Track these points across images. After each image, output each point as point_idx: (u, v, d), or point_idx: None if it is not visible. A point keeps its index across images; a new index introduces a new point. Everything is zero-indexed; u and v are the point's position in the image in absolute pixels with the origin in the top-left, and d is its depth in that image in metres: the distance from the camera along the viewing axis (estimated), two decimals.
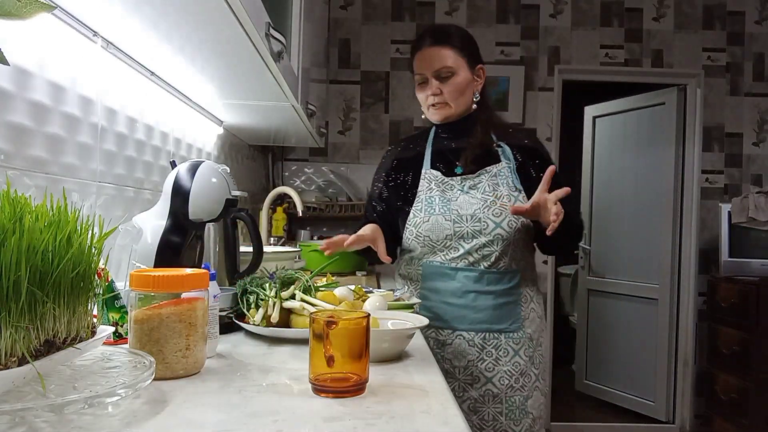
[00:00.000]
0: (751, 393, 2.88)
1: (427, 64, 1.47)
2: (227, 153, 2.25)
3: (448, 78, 1.46)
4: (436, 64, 1.46)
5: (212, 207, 1.12)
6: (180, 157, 1.64)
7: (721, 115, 3.48)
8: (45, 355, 0.58)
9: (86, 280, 0.65)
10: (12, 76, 0.88)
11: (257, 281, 1.11)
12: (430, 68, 1.46)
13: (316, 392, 0.72)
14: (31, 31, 0.92)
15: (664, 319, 3.54)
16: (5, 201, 0.59)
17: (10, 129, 0.88)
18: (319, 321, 0.72)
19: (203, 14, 0.96)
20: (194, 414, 0.63)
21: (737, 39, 3.47)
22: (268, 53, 1.16)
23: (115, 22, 1.04)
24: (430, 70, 1.47)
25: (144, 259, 1.04)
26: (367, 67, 3.41)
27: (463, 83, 1.47)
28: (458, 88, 1.47)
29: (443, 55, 1.46)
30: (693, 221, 3.47)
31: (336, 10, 3.39)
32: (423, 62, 1.48)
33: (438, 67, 1.46)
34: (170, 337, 0.75)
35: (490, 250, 1.41)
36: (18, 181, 0.89)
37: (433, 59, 1.46)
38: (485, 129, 1.50)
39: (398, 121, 3.41)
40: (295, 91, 1.59)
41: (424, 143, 1.57)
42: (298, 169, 3.40)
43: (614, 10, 3.46)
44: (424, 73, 1.48)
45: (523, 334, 1.44)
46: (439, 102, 1.48)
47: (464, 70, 1.47)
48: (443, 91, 1.46)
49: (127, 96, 1.29)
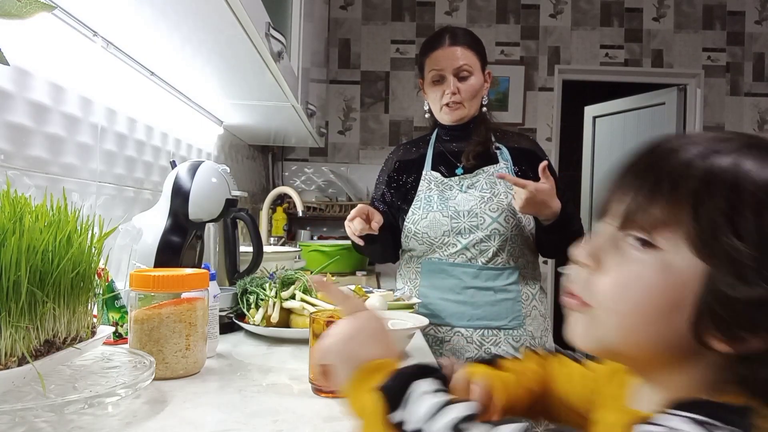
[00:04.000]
0: None
1: (447, 61, 1.46)
2: (227, 153, 2.25)
3: (466, 78, 1.46)
4: (456, 62, 1.45)
5: (212, 207, 1.12)
6: (180, 157, 1.64)
7: (721, 115, 3.48)
8: (45, 355, 0.58)
9: (86, 280, 0.65)
10: (12, 76, 0.88)
11: (257, 281, 1.11)
12: (450, 66, 1.46)
13: (316, 392, 0.72)
14: (31, 31, 0.92)
15: None
16: (5, 201, 0.59)
17: (10, 129, 0.88)
18: (319, 321, 0.72)
19: (203, 14, 0.96)
20: (194, 414, 0.63)
21: (737, 39, 3.47)
22: (268, 53, 1.16)
23: (115, 22, 1.04)
24: (450, 68, 1.46)
25: (144, 259, 1.04)
26: (367, 67, 3.41)
27: (477, 85, 1.48)
28: (473, 90, 1.48)
29: (464, 54, 1.46)
30: None
31: (336, 10, 3.39)
32: (442, 60, 1.47)
33: (458, 65, 1.45)
34: (170, 337, 0.75)
35: (487, 246, 1.42)
36: (18, 181, 0.89)
37: (455, 57, 1.46)
38: (486, 131, 1.52)
39: (398, 121, 3.41)
40: (295, 91, 1.59)
41: (426, 145, 1.58)
42: (298, 169, 3.40)
43: (614, 10, 3.46)
44: (443, 70, 1.47)
45: (524, 332, 1.45)
46: (456, 101, 1.47)
47: (479, 73, 1.49)
48: (461, 89, 1.46)
49: (127, 96, 1.29)
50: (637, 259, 0.43)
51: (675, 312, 0.42)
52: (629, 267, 0.44)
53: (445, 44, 1.48)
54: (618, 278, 0.44)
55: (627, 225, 0.44)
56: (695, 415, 0.37)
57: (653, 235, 0.43)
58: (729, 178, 0.41)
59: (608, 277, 0.45)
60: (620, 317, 0.44)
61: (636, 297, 0.43)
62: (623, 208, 0.44)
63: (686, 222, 0.41)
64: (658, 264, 0.42)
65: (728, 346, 0.41)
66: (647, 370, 0.47)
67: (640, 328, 0.43)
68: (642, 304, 0.43)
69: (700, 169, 0.42)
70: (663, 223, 0.42)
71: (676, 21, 3.45)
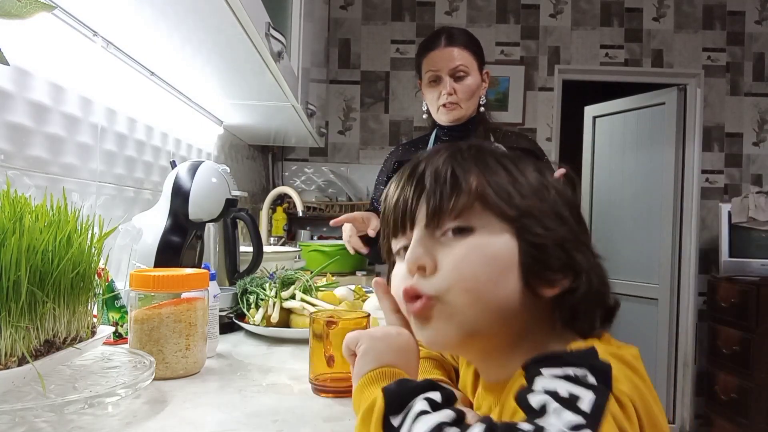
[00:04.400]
0: (751, 393, 2.88)
1: (443, 62, 1.47)
2: (227, 153, 2.25)
3: (462, 78, 1.47)
4: (452, 63, 1.46)
5: (212, 207, 1.12)
6: (180, 157, 1.64)
7: (721, 115, 3.48)
8: (45, 355, 0.58)
9: (86, 280, 0.65)
10: (12, 76, 0.88)
11: (257, 281, 1.11)
12: (446, 67, 1.47)
13: (316, 392, 0.72)
14: (31, 31, 0.92)
15: (664, 319, 3.54)
16: (5, 201, 0.59)
17: (10, 129, 0.88)
18: (319, 321, 0.72)
19: (203, 14, 0.96)
20: (194, 414, 0.63)
21: (737, 39, 3.47)
22: (268, 53, 1.16)
23: (115, 22, 1.04)
24: (445, 68, 1.47)
25: (144, 259, 1.04)
26: (367, 67, 3.41)
27: (474, 85, 1.48)
28: (470, 90, 1.48)
29: (460, 55, 1.47)
30: (693, 221, 3.46)
31: (336, 10, 3.39)
32: (439, 60, 1.48)
33: (454, 66, 1.46)
34: (170, 337, 0.75)
35: None
36: (18, 181, 0.89)
37: (450, 58, 1.47)
38: (485, 131, 1.52)
39: (398, 121, 3.41)
40: (295, 91, 1.59)
41: (425, 145, 1.58)
42: (298, 169, 3.40)
43: (614, 10, 3.46)
44: (439, 71, 1.48)
45: None
46: (452, 102, 1.48)
47: (475, 73, 1.49)
48: (457, 90, 1.47)
49: (127, 96, 1.29)
50: (463, 243, 0.49)
51: (509, 272, 0.48)
52: (461, 251, 0.49)
53: (441, 45, 1.48)
54: (455, 262, 0.49)
55: (438, 223, 0.50)
56: (556, 370, 0.41)
57: (463, 221, 0.49)
58: (490, 158, 0.52)
59: (446, 267, 0.49)
60: (470, 293, 0.48)
61: (476, 270, 0.48)
62: (424, 214, 0.50)
63: (486, 200, 0.49)
64: (483, 239, 0.49)
65: (551, 288, 0.49)
66: (501, 344, 0.51)
67: (489, 297, 0.48)
68: (484, 273, 0.48)
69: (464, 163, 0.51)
70: (466, 209, 0.49)
71: (676, 21, 3.45)
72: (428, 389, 0.44)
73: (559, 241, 0.49)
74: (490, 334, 0.50)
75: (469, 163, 0.51)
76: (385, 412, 0.43)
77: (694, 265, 3.46)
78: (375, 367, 0.51)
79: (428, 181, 0.51)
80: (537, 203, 0.50)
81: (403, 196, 0.53)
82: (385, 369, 0.51)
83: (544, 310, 0.50)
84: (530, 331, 0.51)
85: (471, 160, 0.51)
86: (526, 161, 0.53)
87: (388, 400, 0.43)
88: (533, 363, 0.44)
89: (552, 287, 0.49)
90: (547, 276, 0.49)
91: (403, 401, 0.43)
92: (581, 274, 0.49)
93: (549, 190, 0.51)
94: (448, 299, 0.49)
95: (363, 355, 0.53)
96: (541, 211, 0.50)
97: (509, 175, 0.51)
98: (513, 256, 0.48)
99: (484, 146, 0.53)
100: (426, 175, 0.51)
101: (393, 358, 0.52)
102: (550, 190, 0.51)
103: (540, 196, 0.50)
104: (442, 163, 0.51)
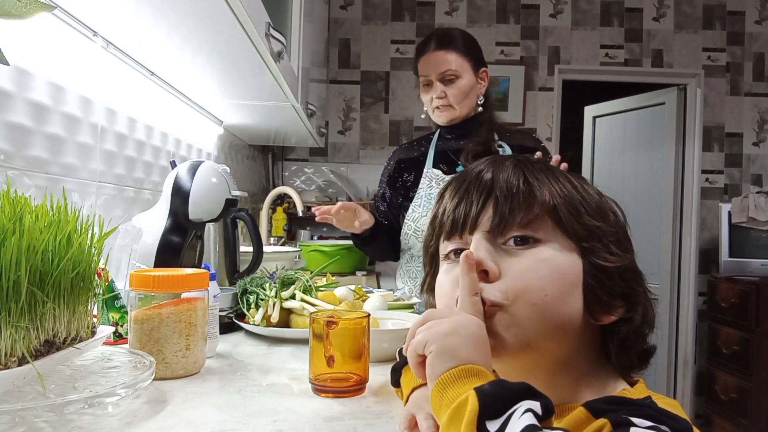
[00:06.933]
0: (751, 393, 2.88)
1: (431, 67, 1.49)
2: (227, 153, 2.25)
3: (453, 81, 1.48)
4: (440, 67, 1.48)
5: (212, 207, 1.12)
6: (180, 157, 1.64)
7: (721, 115, 3.48)
8: (45, 355, 0.58)
9: (86, 280, 0.65)
10: (12, 76, 0.88)
11: (257, 281, 1.11)
12: (434, 71, 1.49)
13: (316, 392, 0.72)
14: (31, 31, 0.92)
15: (664, 319, 3.53)
16: (5, 201, 0.59)
17: (10, 129, 0.88)
18: (319, 321, 0.72)
19: (203, 14, 0.96)
20: (194, 414, 0.63)
21: (737, 39, 3.47)
22: (268, 53, 1.16)
23: (115, 22, 1.04)
24: (434, 73, 1.49)
25: (144, 259, 1.04)
26: (367, 67, 3.41)
27: (466, 86, 1.49)
28: (462, 91, 1.49)
29: (447, 59, 1.48)
30: (693, 221, 3.46)
31: (336, 10, 3.39)
32: (428, 65, 1.50)
33: (442, 71, 1.48)
34: (170, 337, 0.75)
35: None
36: (18, 181, 0.89)
37: (438, 63, 1.48)
38: (488, 129, 1.52)
39: (398, 121, 3.41)
40: (295, 91, 1.59)
41: (428, 144, 1.59)
42: (298, 169, 3.40)
43: (614, 10, 3.46)
44: (429, 76, 1.50)
45: None
46: (444, 104, 1.50)
47: (468, 74, 1.49)
48: (447, 93, 1.49)
49: (127, 96, 1.29)
50: (528, 254, 0.48)
51: (575, 290, 0.47)
52: (528, 262, 0.48)
53: (430, 49, 1.50)
54: (522, 272, 0.48)
55: (503, 230, 0.49)
56: (645, 421, 0.38)
57: (530, 231, 0.48)
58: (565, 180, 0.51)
59: (511, 276, 0.48)
60: (536, 307, 0.47)
61: (545, 283, 0.47)
62: (489, 219, 0.50)
63: (557, 213, 0.48)
64: (550, 252, 0.48)
65: (608, 315, 0.47)
66: (547, 364, 0.50)
67: (553, 312, 0.47)
68: (553, 288, 0.47)
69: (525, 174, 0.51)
70: (535, 220, 0.48)
71: (676, 21, 3.45)
72: (526, 396, 0.41)
73: (621, 269, 0.48)
74: (542, 351, 0.49)
75: (540, 173, 0.50)
76: (479, 416, 0.40)
77: (694, 265, 3.46)
78: (453, 366, 0.46)
79: (498, 187, 0.50)
80: (602, 224, 0.49)
81: (467, 199, 0.52)
82: (467, 367, 0.46)
83: (591, 337, 0.49)
84: (577, 357, 0.49)
85: (541, 171, 0.51)
86: (582, 177, 0.53)
87: (483, 402, 0.40)
88: (606, 404, 0.41)
89: (609, 314, 0.48)
90: (606, 302, 0.48)
91: (499, 406, 0.40)
92: (638, 306, 0.48)
93: (607, 210, 0.51)
94: (512, 310, 0.48)
95: (436, 356, 0.47)
96: (606, 233, 0.49)
97: (576, 191, 0.50)
98: (579, 276, 0.48)
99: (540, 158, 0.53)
100: (495, 181, 0.50)
101: (470, 353, 0.47)
102: (608, 211, 0.51)
103: (603, 215, 0.50)
104: (512, 171, 0.50)
